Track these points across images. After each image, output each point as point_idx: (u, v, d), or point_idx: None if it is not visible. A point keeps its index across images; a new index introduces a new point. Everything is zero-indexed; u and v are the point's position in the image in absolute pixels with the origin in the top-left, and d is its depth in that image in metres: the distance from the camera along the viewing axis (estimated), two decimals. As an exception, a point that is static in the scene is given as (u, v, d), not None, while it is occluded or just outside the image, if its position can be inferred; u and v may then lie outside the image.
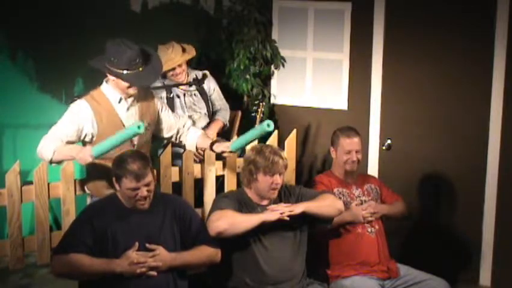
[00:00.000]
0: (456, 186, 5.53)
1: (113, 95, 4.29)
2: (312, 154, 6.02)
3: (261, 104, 5.78)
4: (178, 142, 4.70)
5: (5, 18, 5.30)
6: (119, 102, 4.29)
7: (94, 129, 4.25)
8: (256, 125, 5.61)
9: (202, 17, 6.27)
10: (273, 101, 6.14)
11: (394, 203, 4.79)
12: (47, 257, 4.51)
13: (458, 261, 5.54)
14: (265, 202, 4.23)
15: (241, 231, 4.02)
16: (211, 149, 4.56)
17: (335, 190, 4.63)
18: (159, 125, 4.55)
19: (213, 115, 5.53)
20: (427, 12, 5.50)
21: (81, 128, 4.25)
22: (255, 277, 4.14)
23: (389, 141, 5.66)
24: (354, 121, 5.50)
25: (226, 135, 5.52)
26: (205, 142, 4.57)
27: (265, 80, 6.10)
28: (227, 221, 4.00)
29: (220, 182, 5.11)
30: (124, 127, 4.26)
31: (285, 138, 5.18)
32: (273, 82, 6.15)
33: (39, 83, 5.52)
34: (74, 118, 4.24)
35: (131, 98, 4.32)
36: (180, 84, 5.36)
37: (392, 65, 5.65)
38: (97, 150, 4.06)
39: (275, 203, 4.21)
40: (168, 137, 4.64)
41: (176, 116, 4.72)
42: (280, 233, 4.18)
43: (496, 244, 5.42)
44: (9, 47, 5.37)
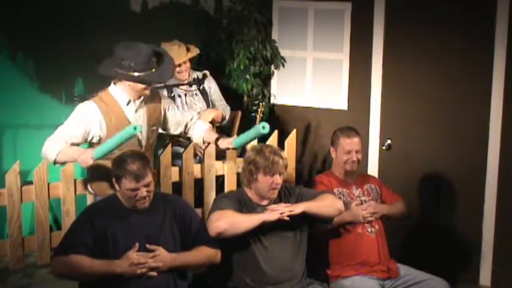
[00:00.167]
0: (456, 186, 5.53)
1: (122, 96, 4.29)
2: (312, 154, 6.02)
3: (261, 104, 5.78)
4: (186, 136, 4.73)
5: (5, 18, 5.30)
6: (128, 104, 4.29)
7: (103, 131, 4.24)
8: (257, 124, 5.61)
9: (202, 17, 6.27)
10: (273, 101, 6.14)
11: (394, 203, 4.79)
12: (47, 257, 4.51)
13: (458, 261, 5.54)
14: (265, 202, 4.23)
15: (241, 231, 4.02)
16: (216, 144, 4.57)
17: (335, 190, 4.63)
18: (166, 124, 4.56)
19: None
20: (427, 12, 5.50)
21: (88, 130, 4.23)
22: (255, 277, 4.14)
23: (389, 141, 5.66)
24: (354, 121, 5.50)
25: (226, 134, 5.52)
26: (211, 136, 4.59)
27: (265, 80, 6.10)
28: (227, 221, 4.00)
29: (220, 182, 5.11)
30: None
31: (285, 138, 5.18)
32: (273, 82, 6.16)
33: (39, 83, 5.51)
34: (81, 119, 4.22)
35: (139, 100, 4.32)
36: (181, 84, 5.37)
37: (392, 65, 5.65)
38: (97, 153, 4.06)
39: (275, 203, 4.21)
40: (178, 133, 4.67)
41: (184, 112, 4.74)
42: (280, 233, 4.18)
43: (496, 244, 5.42)
44: (9, 47, 5.37)
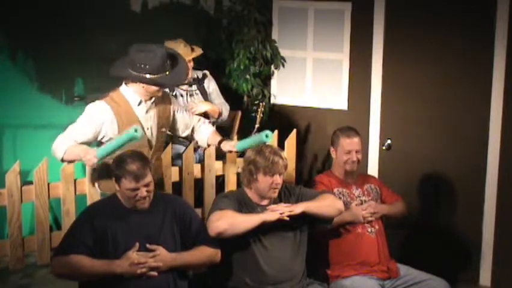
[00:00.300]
0: (456, 186, 5.53)
1: (133, 97, 4.30)
2: (312, 154, 6.02)
3: (261, 104, 5.78)
4: (192, 138, 4.75)
5: (5, 18, 5.30)
6: (139, 104, 4.31)
7: (114, 131, 4.25)
8: (256, 125, 5.63)
9: (202, 17, 6.27)
10: (273, 101, 6.14)
11: (394, 203, 4.79)
12: (47, 257, 4.51)
13: (458, 261, 5.54)
14: (265, 202, 4.23)
15: (241, 232, 4.02)
16: (219, 146, 4.59)
17: (335, 190, 4.63)
18: (175, 126, 4.59)
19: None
20: (427, 12, 5.50)
21: (99, 130, 4.25)
22: (255, 277, 4.14)
23: (389, 141, 5.66)
24: (354, 121, 5.50)
25: (226, 134, 5.52)
26: (215, 139, 4.63)
27: (265, 80, 6.10)
28: (227, 221, 4.00)
29: (220, 182, 5.11)
30: (143, 129, 4.29)
31: (285, 138, 5.18)
32: (273, 82, 6.16)
33: (39, 83, 5.51)
34: (93, 118, 4.24)
35: (150, 101, 4.33)
36: (182, 84, 5.37)
37: (392, 65, 5.65)
38: (100, 153, 4.07)
39: (275, 203, 4.21)
40: (185, 135, 4.69)
41: (191, 114, 4.76)
42: (280, 233, 4.18)
43: (496, 244, 5.42)
44: (9, 47, 5.37)
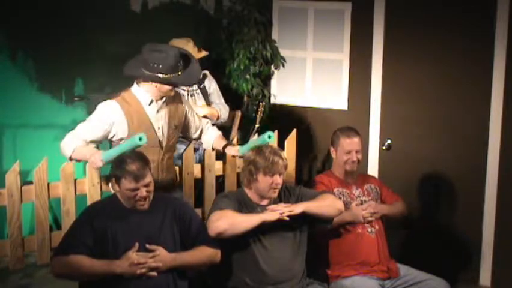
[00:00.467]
0: (456, 186, 5.53)
1: (145, 96, 4.31)
2: (312, 154, 6.02)
3: (261, 104, 5.79)
4: (199, 141, 4.77)
5: (5, 18, 5.30)
6: (150, 104, 4.31)
7: (124, 131, 4.26)
8: (256, 124, 5.63)
9: (202, 17, 6.28)
10: (273, 101, 6.14)
11: (394, 203, 4.79)
12: (47, 257, 4.51)
13: (458, 261, 5.54)
14: (265, 202, 4.23)
15: (241, 232, 4.02)
16: (223, 151, 4.60)
17: (335, 190, 4.63)
18: (188, 126, 4.59)
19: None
20: (427, 12, 5.50)
21: (109, 129, 4.26)
22: (254, 277, 4.14)
23: (389, 141, 5.66)
24: (354, 121, 5.51)
25: (226, 134, 5.52)
26: (220, 144, 4.64)
27: (265, 80, 6.10)
28: (227, 221, 4.00)
29: (220, 182, 5.11)
30: (153, 129, 4.30)
31: (285, 138, 5.18)
32: (273, 82, 6.16)
33: (39, 83, 5.51)
34: (103, 117, 4.25)
35: (161, 100, 4.34)
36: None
37: (392, 65, 5.65)
38: (106, 156, 4.08)
39: (275, 203, 4.21)
40: (196, 137, 4.70)
41: (199, 116, 4.77)
42: (280, 233, 4.18)
43: (496, 244, 5.42)
44: (9, 47, 5.37)
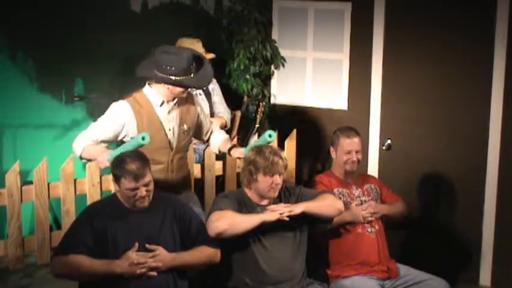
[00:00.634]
0: (456, 186, 5.52)
1: (156, 98, 4.31)
2: (312, 154, 6.02)
3: (261, 104, 5.79)
4: (207, 142, 4.77)
5: (5, 18, 5.30)
6: (161, 105, 4.32)
7: (134, 131, 4.26)
8: (256, 124, 5.63)
9: (202, 17, 6.28)
10: (273, 101, 6.14)
11: (394, 203, 4.79)
12: (47, 257, 4.52)
13: (458, 261, 5.54)
14: (265, 202, 4.23)
15: (240, 232, 4.02)
16: (229, 153, 4.61)
17: (335, 190, 4.63)
18: (199, 128, 4.59)
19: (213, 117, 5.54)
20: (427, 12, 5.50)
21: (120, 129, 4.26)
22: (254, 277, 4.14)
23: (389, 141, 5.66)
24: (354, 121, 5.51)
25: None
26: (226, 146, 4.63)
27: (265, 80, 6.10)
28: (227, 221, 4.00)
29: (220, 182, 5.12)
30: (164, 130, 4.31)
31: (285, 138, 5.18)
32: (273, 82, 6.16)
33: (39, 83, 5.51)
34: (115, 118, 4.25)
35: (172, 102, 4.34)
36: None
37: (392, 65, 5.65)
38: (113, 156, 4.09)
39: (275, 203, 4.21)
40: (206, 139, 4.70)
41: (210, 119, 4.79)
42: (280, 233, 4.18)
43: (496, 244, 5.41)
44: (9, 47, 5.37)
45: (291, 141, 5.18)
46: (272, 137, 4.31)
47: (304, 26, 5.94)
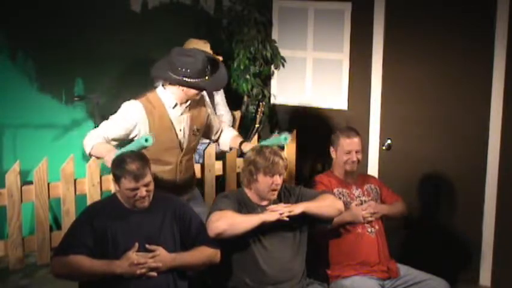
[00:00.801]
0: (456, 186, 5.53)
1: (169, 99, 4.31)
2: (312, 154, 6.02)
3: (261, 104, 5.79)
4: (216, 141, 4.78)
5: (5, 18, 5.30)
6: (174, 107, 4.32)
7: (146, 130, 4.27)
8: (256, 124, 5.63)
9: (202, 17, 6.27)
10: (273, 101, 6.15)
11: (394, 203, 4.79)
12: (47, 257, 4.52)
13: (458, 261, 5.54)
14: (265, 202, 4.23)
15: (240, 232, 4.02)
16: (240, 148, 4.61)
17: (335, 190, 4.63)
18: (209, 129, 4.60)
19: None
20: (427, 12, 5.50)
21: (131, 128, 4.26)
22: (254, 277, 4.13)
23: (389, 141, 5.66)
24: (354, 121, 5.51)
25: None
26: (237, 142, 4.64)
27: (265, 80, 6.10)
28: (227, 221, 4.00)
29: (220, 182, 5.12)
30: (174, 131, 4.31)
31: (285, 138, 5.18)
32: (273, 82, 6.16)
33: (39, 83, 5.51)
34: (127, 117, 4.26)
35: (185, 104, 4.35)
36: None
37: (392, 65, 5.65)
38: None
39: (275, 203, 4.21)
40: (216, 138, 4.71)
41: (219, 118, 4.78)
42: (280, 233, 4.18)
43: (496, 244, 5.42)
44: (9, 47, 5.37)
45: (291, 141, 5.18)
46: (286, 140, 4.34)
47: (304, 26, 5.94)
